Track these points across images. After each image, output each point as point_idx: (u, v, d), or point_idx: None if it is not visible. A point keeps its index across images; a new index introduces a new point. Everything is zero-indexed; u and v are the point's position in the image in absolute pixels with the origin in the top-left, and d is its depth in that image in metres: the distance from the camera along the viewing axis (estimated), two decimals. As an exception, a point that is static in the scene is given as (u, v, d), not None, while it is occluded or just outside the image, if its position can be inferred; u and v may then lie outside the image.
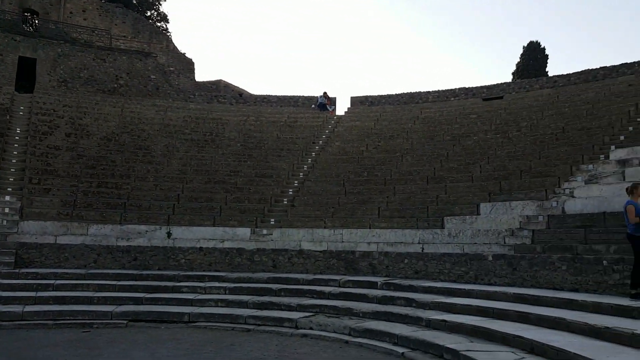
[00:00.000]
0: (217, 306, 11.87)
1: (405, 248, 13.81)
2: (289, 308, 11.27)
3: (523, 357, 6.65)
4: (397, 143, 20.95)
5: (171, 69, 29.38)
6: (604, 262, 9.16)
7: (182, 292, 12.67)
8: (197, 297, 12.20)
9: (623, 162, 13.74)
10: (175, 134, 22.43)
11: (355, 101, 27.10)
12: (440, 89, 25.85)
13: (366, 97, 27.14)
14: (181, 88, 28.33)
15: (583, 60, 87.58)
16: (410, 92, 26.37)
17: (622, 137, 15.70)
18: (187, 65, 30.83)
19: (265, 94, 28.34)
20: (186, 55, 31.59)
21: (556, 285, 9.93)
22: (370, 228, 14.94)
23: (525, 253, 11.37)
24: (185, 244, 15.23)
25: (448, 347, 7.60)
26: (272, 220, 16.53)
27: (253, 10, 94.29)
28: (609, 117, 17.48)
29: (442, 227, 14.13)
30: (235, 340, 9.50)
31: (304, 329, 10.13)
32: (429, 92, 25.98)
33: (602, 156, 14.84)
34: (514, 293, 9.68)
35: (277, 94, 28.03)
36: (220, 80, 31.53)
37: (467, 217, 14.03)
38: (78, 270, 13.36)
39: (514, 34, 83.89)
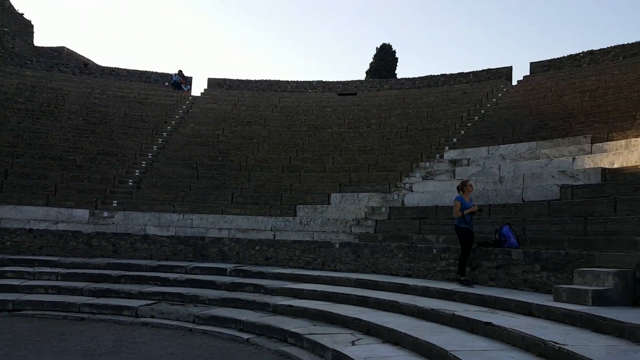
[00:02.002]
0: (47, 293, 10.79)
1: (257, 235, 13.86)
2: (130, 296, 10.64)
3: (360, 338, 7.06)
4: (254, 129, 20.89)
5: (5, 29, 25.86)
6: (434, 250, 10.10)
7: (6, 278, 11.31)
8: (23, 284, 10.97)
9: (454, 162, 15.29)
10: (7, 103, 19.85)
11: (213, 83, 26.44)
12: (299, 80, 26.30)
13: (224, 80, 26.61)
14: (16, 52, 25.11)
15: (428, 66, 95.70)
16: (270, 80, 26.44)
17: (455, 140, 17.45)
18: (25, 27, 27.36)
19: (114, 67, 26.30)
20: (24, 16, 28.03)
21: (393, 271, 10.71)
22: (222, 214, 14.71)
23: (368, 241, 12.08)
24: (12, 224, 13.61)
25: (292, 332, 7.79)
26: (115, 202, 15.45)
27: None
28: (445, 120, 19.29)
29: (295, 215, 14.43)
30: (66, 330, 8.71)
31: (145, 317, 9.64)
32: (288, 81, 26.29)
33: (437, 155, 16.34)
34: (356, 279, 10.24)
35: (128, 68, 26.20)
36: (64, 47, 28.50)
37: (319, 206, 14.51)
38: None
39: (371, 35, 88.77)
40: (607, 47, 20.84)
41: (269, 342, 7.87)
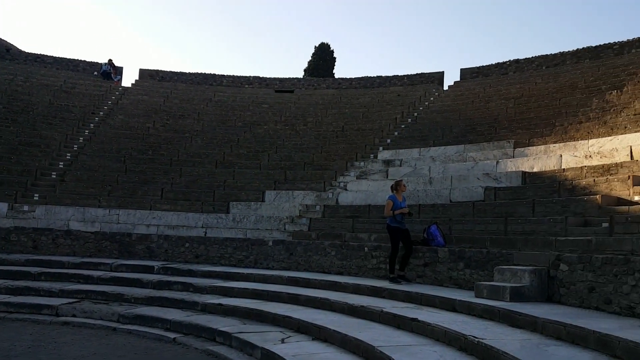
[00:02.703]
0: (-43, 293, 10.06)
1: (187, 232, 13.55)
2: (50, 294, 10.11)
3: (290, 336, 7.07)
4: (187, 123, 20.41)
5: None
6: (365, 248, 10.28)
7: None
8: None
9: (387, 162, 15.64)
10: None
11: (145, 74, 25.56)
12: (235, 75, 25.95)
13: (157, 72, 25.79)
14: None
15: (365, 68, 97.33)
16: (205, 73, 25.90)
17: (389, 140, 17.85)
18: (-64, 3, 25.32)
19: (39, 53, 24.88)
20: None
21: (325, 269, 10.81)
22: (151, 210, 14.27)
23: (301, 239, 12.12)
24: None
25: (221, 330, 7.68)
26: (36, 195, 14.62)
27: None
28: (380, 121, 19.69)
29: (228, 212, 14.24)
30: (-23, 331, 8.15)
31: (66, 316, 9.19)
32: (223, 75, 25.88)
33: (372, 155, 16.65)
34: (288, 277, 10.24)
35: (55, 55, 24.87)
36: (-18, 28, 26.64)
37: (253, 203, 14.40)
38: None
39: (309, 33, 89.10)
40: (532, 57, 22.02)
41: (197, 341, 7.72)
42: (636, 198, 8.42)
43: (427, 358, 5.14)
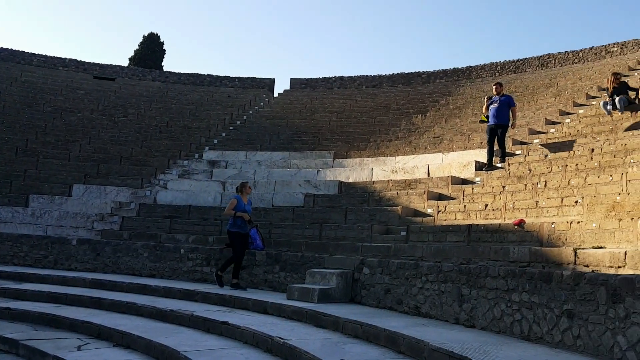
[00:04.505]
0: None
1: (-28, 226, 11.72)
2: None
3: (88, 343, 6.49)
4: (-17, 102, 17.74)
5: None
6: (182, 250, 9.95)
7: None
8: None
9: (213, 163, 15.43)
10: None
11: None
12: (48, 55, 23.33)
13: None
14: None
15: (196, 64, 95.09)
16: (12, 49, 22.84)
17: (215, 141, 17.64)
18: None
19: None
20: None
21: (136, 272, 10.21)
22: None
23: (111, 239, 11.30)
24: None
25: (6, 337, 6.73)
26: None
27: None
28: (208, 120, 19.37)
29: (26, 205, 12.68)
30: None
31: None
32: (34, 54, 23.09)
33: (197, 154, 16.28)
34: (92, 279, 9.45)
35: None
36: None
37: (57, 197, 13.02)
38: None
39: (140, 21, 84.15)
40: (354, 76, 23.72)
41: (-27, 352, 6.67)
42: (429, 210, 9.52)
43: (233, 361, 5.13)
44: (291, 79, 24.49)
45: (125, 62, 32.86)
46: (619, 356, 3.74)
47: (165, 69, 31.82)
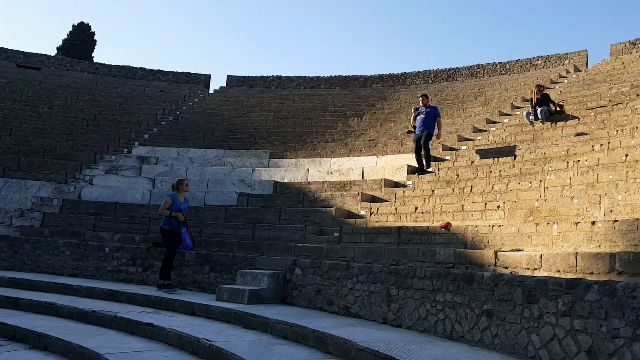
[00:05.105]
0: None
1: None
2: None
3: (1, 345, 6.09)
4: None
5: None
6: (106, 249, 9.55)
7: None
8: None
9: (143, 159, 14.93)
10: None
11: None
12: (-35, 38, 21.72)
13: None
14: None
15: (128, 57, 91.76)
16: None
17: (146, 136, 17.08)
18: None
19: None
20: None
21: (57, 271, 9.70)
22: None
23: (31, 236, 10.70)
24: None
25: None
26: None
27: None
28: (139, 115, 18.73)
29: None
30: None
31: None
32: (-52, 36, 21.42)
33: (126, 150, 15.70)
34: (9, 277, 8.89)
35: None
36: None
37: (-30, 190, 12.14)
38: None
39: (68, 8, 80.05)
40: (293, 76, 23.74)
41: None
42: (362, 212, 9.68)
43: (157, 363, 4.97)
44: (228, 75, 24.18)
45: (52, 52, 31.19)
46: (533, 354, 3.94)
47: (95, 60, 30.48)
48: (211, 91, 23.62)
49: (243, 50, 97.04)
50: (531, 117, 11.75)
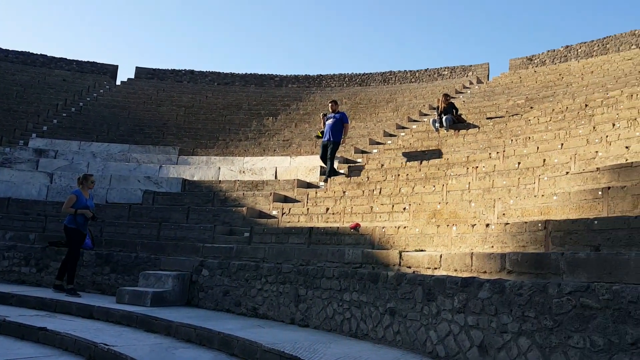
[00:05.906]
0: None
1: None
2: None
3: None
4: None
5: None
6: (-4, 248, 8.80)
7: None
8: None
9: (40, 152, 13.92)
10: None
11: None
12: None
13: None
14: None
15: (28, 42, 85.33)
16: None
17: (45, 128, 15.96)
18: None
19: None
20: None
21: None
22: None
23: None
24: None
25: None
26: None
27: None
28: (38, 105, 17.46)
29: None
30: None
31: None
32: None
33: (22, 142, 14.59)
34: None
35: None
36: None
37: None
38: None
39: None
40: (206, 71, 23.22)
41: None
42: (274, 212, 9.65)
43: (47, 371, 4.65)
44: (137, 67, 23.19)
45: None
46: (430, 349, 4.13)
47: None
48: (118, 83, 22.53)
49: (154, 41, 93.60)
50: (437, 125, 12.35)
